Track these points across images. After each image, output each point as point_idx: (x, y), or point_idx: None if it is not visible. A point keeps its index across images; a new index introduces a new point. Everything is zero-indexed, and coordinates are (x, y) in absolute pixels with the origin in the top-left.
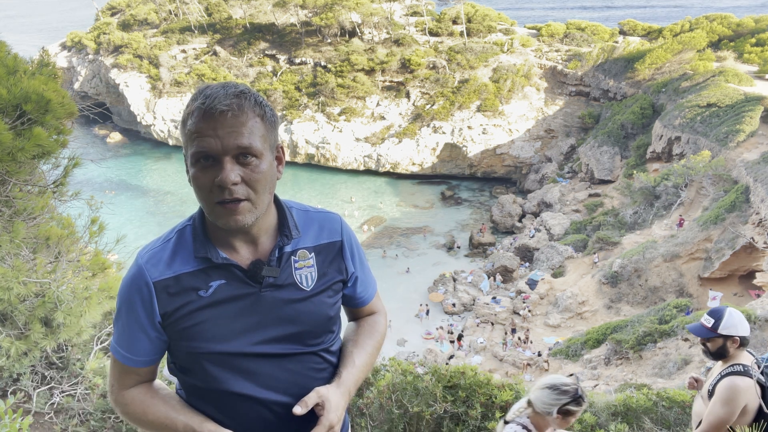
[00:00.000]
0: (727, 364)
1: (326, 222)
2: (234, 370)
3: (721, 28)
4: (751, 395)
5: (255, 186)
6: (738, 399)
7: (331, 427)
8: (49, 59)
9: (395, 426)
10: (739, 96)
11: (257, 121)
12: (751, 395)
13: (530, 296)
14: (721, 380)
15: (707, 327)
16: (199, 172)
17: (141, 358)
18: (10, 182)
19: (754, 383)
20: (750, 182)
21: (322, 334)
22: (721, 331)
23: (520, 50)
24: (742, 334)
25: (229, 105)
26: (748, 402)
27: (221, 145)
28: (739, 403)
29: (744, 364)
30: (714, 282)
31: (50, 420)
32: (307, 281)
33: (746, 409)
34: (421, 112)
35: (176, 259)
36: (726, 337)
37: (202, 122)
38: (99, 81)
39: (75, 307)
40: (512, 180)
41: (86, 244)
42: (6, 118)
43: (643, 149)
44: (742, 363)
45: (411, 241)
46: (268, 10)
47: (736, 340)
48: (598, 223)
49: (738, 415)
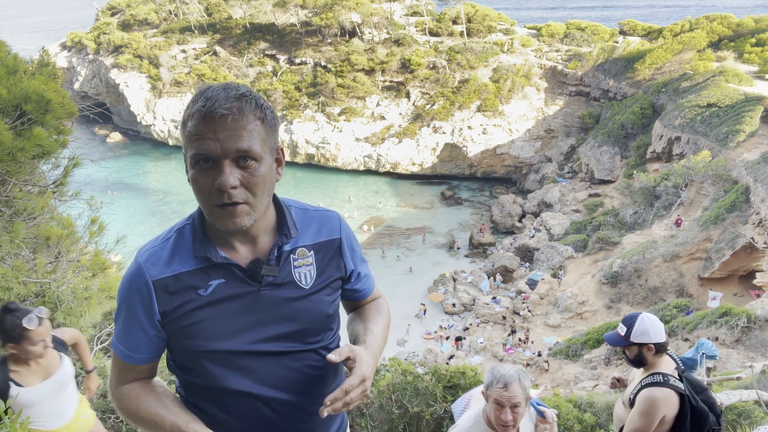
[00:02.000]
0: (647, 373)
1: (325, 220)
2: (233, 368)
3: (721, 28)
4: (669, 406)
5: (254, 189)
6: (655, 411)
7: (364, 380)
8: (49, 59)
9: (395, 426)
10: (739, 96)
11: (257, 124)
12: (669, 406)
13: (530, 296)
14: (641, 391)
15: (621, 335)
16: (198, 174)
17: (140, 356)
18: (10, 182)
19: (673, 393)
20: (750, 182)
21: (321, 332)
22: (634, 339)
23: (520, 50)
24: (656, 341)
25: (229, 108)
26: (666, 413)
27: (221, 149)
28: (656, 414)
29: (663, 372)
30: (714, 282)
31: None
32: (307, 279)
33: (664, 419)
34: (421, 112)
35: (175, 258)
36: (640, 344)
37: (202, 125)
38: (99, 81)
39: (75, 307)
40: (512, 180)
41: (86, 244)
42: (6, 118)
43: (643, 149)
44: (662, 372)
45: (411, 242)
46: (268, 10)
47: (650, 347)
48: (598, 223)
49: (656, 425)
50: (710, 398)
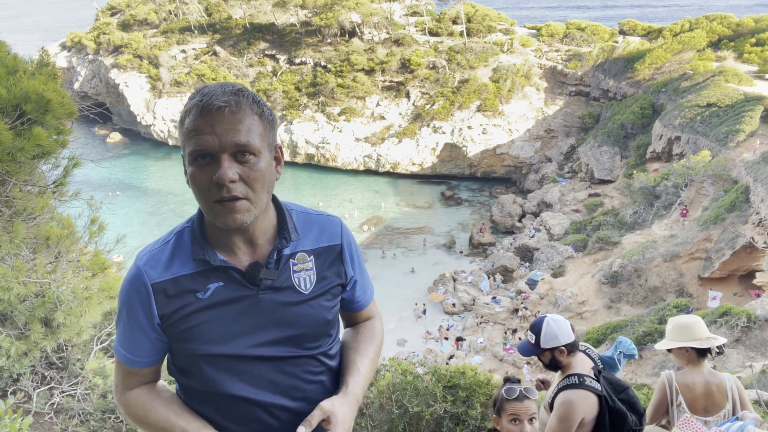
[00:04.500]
0: (563, 376)
1: (326, 225)
2: (231, 373)
3: (721, 28)
4: (586, 407)
5: (253, 184)
6: (573, 414)
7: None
8: (49, 59)
9: (395, 426)
10: (739, 96)
11: (255, 119)
12: (587, 406)
13: (530, 296)
14: (558, 394)
15: (532, 344)
16: (196, 170)
17: (142, 359)
18: (10, 182)
19: (589, 394)
20: (750, 182)
21: (320, 338)
22: (544, 345)
23: (520, 50)
24: (565, 342)
25: (226, 101)
26: (585, 414)
27: (219, 142)
28: (574, 417)
29: (579, 374)
30: (714, 282)
31: (50, 420)
32: (306, 284)
33: (584, 421)
34: (421, 112)
35: (174, 261)
36: (551, 349)
37: (199, 119)
38: (99, 81)
39: (75, 307)
40: (512, 180)
41: (86, 244)
42: (6, 118)
43: (643, 149)
44: (578, 373)
45: (411, 241)
46: (268, 10)
47: (562, 350)
48: (598, 223)
49: (576, 428)
50: (631, 397)
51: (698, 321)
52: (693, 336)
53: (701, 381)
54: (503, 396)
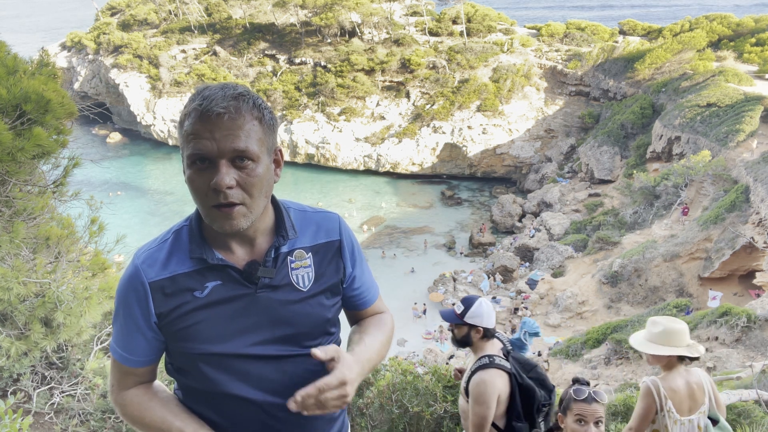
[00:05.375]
0: (476, 359)
1: (324, 222)
2: (229, 372)
3: (721, 27)
4: (500, 384)
5: (250, 190)
6: (488, 393)
7: (344, 383)
8: (48, 59)
9: (395, 426)
10: (739, 96)
11: (255, 124)
12: (500, 384)
13: (530, 296)
14: (471, 378)
15: (457, 313)
16: (194, 174)
17: (139, 359)
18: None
19: (500, 372)
20: (750, 182)
21: (319, 336)
22: (467, 320)
23: (520, 50)
24: (486, 326)
25: (226, 107)
26: (500, 392)
27: (217, 148)
28: (491, 397)
29: (489, 354)
30: (714, 282)
31: (50, 420)
32: (304, 282)
33: (500, 399)
34: (421, 112)
35: (172, 260)
36: (471, 326)
37: (198, 124)
38: (99, 81)
39: (75, 307)
40: (512, 180)
41: (86, 244)
42: (6, 118)
43: (643, 149)
44: (488, 354)
45: (411, 241)
46: (268, 10)
47: (479, 330)
48: (598, 223)
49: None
50: (540, 375)
51: (686, 327)
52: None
53: (684, 383)
54: (571, 396)
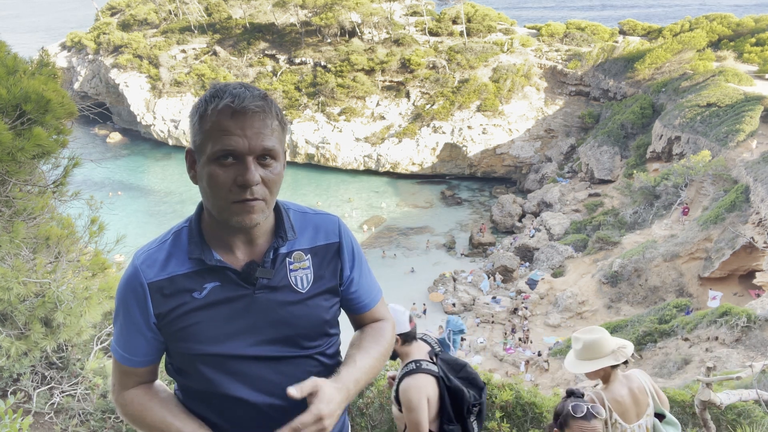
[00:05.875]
0: (402, 365)
1: (324, 224)
2: (228, 373)
3: (721, 27)
4: (427, 389)
5: (272, 188)
6: (417, 398)
7: (320, 419)
8: (49, 59)
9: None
10: (739, 96)
11: (277, 124)
12: (428, 388)
13: (530, 296)
14: (399, 386)
15: None
16: (218, 169)
17: (139, 359)
18: (10, 182)
19: (426, 376)
20: (750, 182)
21: (317, 337)
22: None
23: (520, 50)
24: (399, 332)
25: (260, 106)
26: (429, 396)
27: (248, 145)
28: (420, 402)
29: (416, 359)
30: (714, 282)
31: (50, 420)
32: (303, 283)
33: (430, 403)
34: (421, 112)
35: (171, 261)
36: None
37: (230, 120)
38: (99, 81)
39: (75, 307)
40: (512, 180)
41: (86, 244)
42: (6, 118)
43: (643, 149)
44: (415, 359)
45: (411, 241)
46: (268, 10)
47: (396, 339)
48: (598, 222)
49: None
50: (470, 374)
51: (604, 334)
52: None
53: (626, 392)
54: (569, 413)
